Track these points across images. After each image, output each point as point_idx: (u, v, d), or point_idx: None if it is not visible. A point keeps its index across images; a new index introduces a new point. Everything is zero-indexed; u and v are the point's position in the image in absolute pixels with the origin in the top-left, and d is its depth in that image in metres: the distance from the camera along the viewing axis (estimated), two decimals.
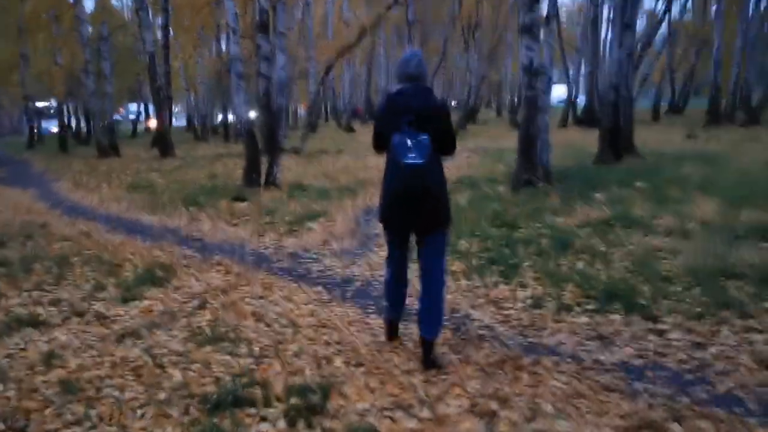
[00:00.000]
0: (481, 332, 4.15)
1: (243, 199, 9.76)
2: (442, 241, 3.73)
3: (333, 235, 7.50)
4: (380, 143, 3.75)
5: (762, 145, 14.91)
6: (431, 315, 3.68)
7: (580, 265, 5.39)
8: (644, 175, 9.76)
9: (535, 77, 8.82)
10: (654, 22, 23.87)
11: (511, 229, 6.88)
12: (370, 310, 4.68)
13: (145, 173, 14.28)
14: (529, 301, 4.65)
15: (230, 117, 33.65)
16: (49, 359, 3.84)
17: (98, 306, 4.94)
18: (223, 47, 24.49)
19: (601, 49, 27.93)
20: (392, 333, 4.04)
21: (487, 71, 34.01)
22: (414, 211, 3.57)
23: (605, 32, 28.12)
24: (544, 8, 8.85)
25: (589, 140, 14.75)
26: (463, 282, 5.24)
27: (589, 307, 4.43)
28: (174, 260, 6.39)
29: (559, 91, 50.53)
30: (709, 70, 23.30)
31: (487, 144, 20.23)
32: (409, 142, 3.52)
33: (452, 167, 13.87)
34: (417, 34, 26.43)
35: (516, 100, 33.65)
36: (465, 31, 29.81)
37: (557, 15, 10.64)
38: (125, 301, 5.06)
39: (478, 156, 15.91)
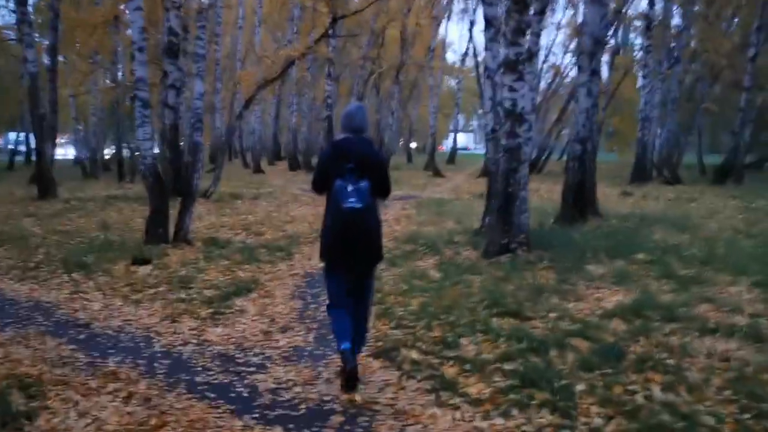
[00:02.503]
0: None
1: (146, 261, 7.58)
2: (372, 279, 4.29)
3: (275, 321, 5.58)
4: (321, 186, 4.04)
5: (702, 205, 14.33)
6: (362, 335, 4.19)
7: (656, 391, 3.78)
8: (623, 242, 8.50)
9: (519, 123, 7.38)
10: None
11: (519, 319, 5.23)
12: None
13: (17, 218, 11.58)
14: None
15: (124, 152, 30.62)
16: None
17: None
18: (120, 74, 21.85)
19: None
20: (351, 362, 3.92)
21: (401, 116, 33.24)
22: (354, 251, 3.94)
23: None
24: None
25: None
26: (499, 422, 3.50)
27: None
28: (43, 370, 4.24)
29: (461, 140, 50.75)
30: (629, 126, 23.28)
31: (415, 192, 18.83)
32: (350, 187, 3.82)
33: (391, 220, 12.22)
34: (336, 71, 24.93)
35: (431, 145, 32.85)
36: (375, 74, 28.73)
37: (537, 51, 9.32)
38: None
39: (413, 208, 14.36)
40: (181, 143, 15.20)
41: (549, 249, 7.91)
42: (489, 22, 8.95)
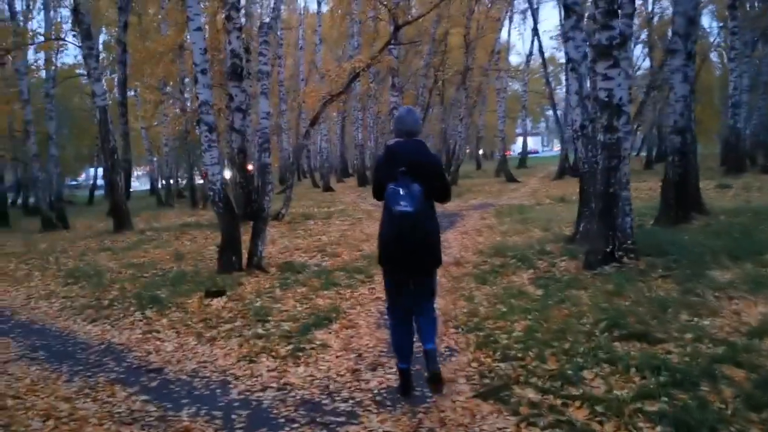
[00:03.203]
0: None
1: (220, 293, 7.15)
2: (433, 278, 4.12)
3: (361, 356, 4.97)
4: (379, 191, 4.01)
5: None
6: (429, 332, 3.98)
7: None
8: (742, 241, 7.47)
9: (617, 115, 6.55)
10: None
11: (647, 343, 4.43)
12: None
13: (93, 254, 11.50)
14: None
15: (197, 179, 31.11)
16: None
17: None
18: (188, 102, 22.03)
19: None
20: (407, 384, 4.08)
21: (468, 122, 32.25)
22: (408, 255, 3.88)
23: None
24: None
25: None
26: None
27: None
28: (111, 430, 3.76)
29: (529, 144, 48.88)
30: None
31: (492, 200, 18.00)
32: (401, 191, 3.78)
33: (472, 231, 11.48)
34: (400, 81, 24.34)
35: (502, 150, 31.80)
36: (439, 82, 27.96)
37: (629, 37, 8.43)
38: None
39: (493, 216, 13.56)
40: (250, 167, 14.95)
41: (659, 254, 6.99)
42: (569, 9, 8.17)
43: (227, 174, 13.62)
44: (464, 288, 6.90)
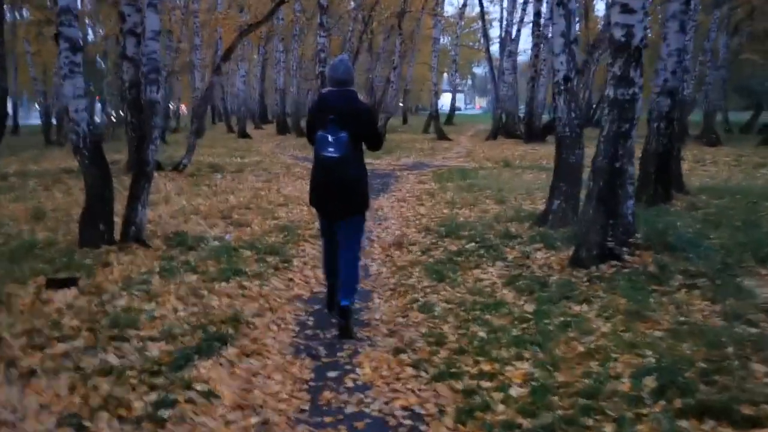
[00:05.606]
0: None
1: (69, 282, 5.00)
2: (358, 223, 4.37)
3: (267, 421, 3.07)
4: (311, 137, 4.29)
5: None
6: (348, 284, 4.24)
7: None
8: (751, 231, 6.02)
9: (635, 62, 4.79)
10: None
11: (730, 423, 2.75)
12: None
13: None
14: None
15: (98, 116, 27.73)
16: None
17: None
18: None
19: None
20: (332, 300, 4.49)
21: (397, 74, 30.04)
22: (332, 198, 4.21)
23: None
24: None
25: (550, 159, 10.07)
26: None
27: None
28: None
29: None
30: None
31: (426, 159, 16.24)
32: (329, 137, 4.03)
33: (411, 198, 9.67)
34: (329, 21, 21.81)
35: (435, 105, 29.88)
36: (371, 25, 25.61)
37: None
38: None
39: (433, 181, 11.80)
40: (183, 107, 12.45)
41: (662, 248, 5.39)
42: None
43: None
44: (415, 288, 5.09)
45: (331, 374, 3.58)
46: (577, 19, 6.32)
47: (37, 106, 33.55)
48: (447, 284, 5.07)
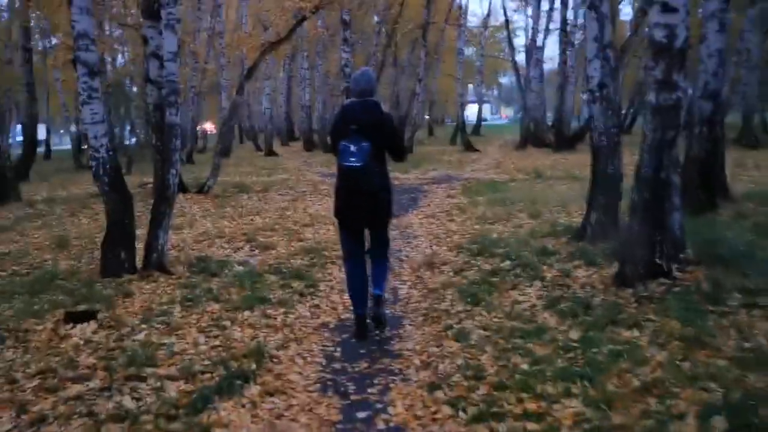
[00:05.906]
0: None
1: (88, 316, 4.81)
2: (383, 234, 4.46)
3: None
4: (334, 148, 4.25)
5: None
6: (379, 275, 4.42)
7: None
8: None
9: (678, 65, 4.45)
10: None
11: None
12: None
13: None
14: None
15: (130, 139, 27.94)
16: None
17: None
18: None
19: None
20: (361, 329, 4.34)
21: (423, 86, 29.78)
22: (356, 207, 4.21)
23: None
24: None
25: (582, 169, 9.49)
26: None
27: None
28: None
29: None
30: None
31: (454, 172, 15.91)
32: (352, 147, 4.05)
33: (441, 214, 9.35)
34: (352, 36, 21.68)
35: (461, 117, 29.49)
36: (395, 38, 25.36)
37: None
38: None
39: (462, 195, 11.47)
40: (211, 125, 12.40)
41: (712, 261, 5.02)
42: None
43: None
44: (449, 312, 4.77)
45: (361, 414, 3.29)
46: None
47: (70, 130, 34.13)
48: (482, 308, 4.75)
